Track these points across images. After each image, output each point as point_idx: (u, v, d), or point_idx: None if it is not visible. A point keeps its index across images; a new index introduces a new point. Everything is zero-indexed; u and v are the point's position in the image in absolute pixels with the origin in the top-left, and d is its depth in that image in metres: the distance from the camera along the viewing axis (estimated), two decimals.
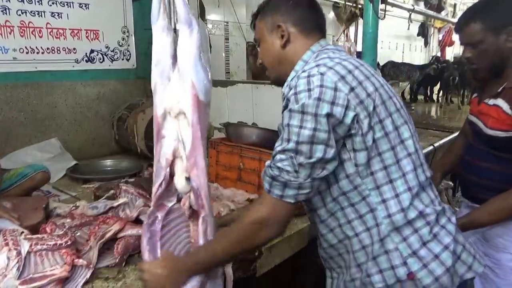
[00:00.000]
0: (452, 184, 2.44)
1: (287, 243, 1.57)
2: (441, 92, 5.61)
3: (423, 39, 8.23)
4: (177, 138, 1.10)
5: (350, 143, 0.98)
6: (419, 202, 1.03)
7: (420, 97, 5.67)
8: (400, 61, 5.45)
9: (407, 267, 0.99)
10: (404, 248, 1.00)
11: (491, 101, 1.46)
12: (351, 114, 0.94)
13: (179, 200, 1.21)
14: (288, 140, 0.94)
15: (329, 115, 0.92)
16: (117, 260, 1.27)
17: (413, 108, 2.87)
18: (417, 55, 8.07)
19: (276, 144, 0.98)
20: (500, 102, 1.42)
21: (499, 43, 1.40)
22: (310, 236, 1.70)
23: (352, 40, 4.51)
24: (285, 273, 1.09)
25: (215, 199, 1.75)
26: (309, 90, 0.94)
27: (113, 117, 2.73)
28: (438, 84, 5.52)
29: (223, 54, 3.55)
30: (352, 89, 0.96)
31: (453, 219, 1.08)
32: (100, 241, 1.28)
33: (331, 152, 0.94)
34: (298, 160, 0.93)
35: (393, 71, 4.71)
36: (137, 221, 1.47)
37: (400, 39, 6.08)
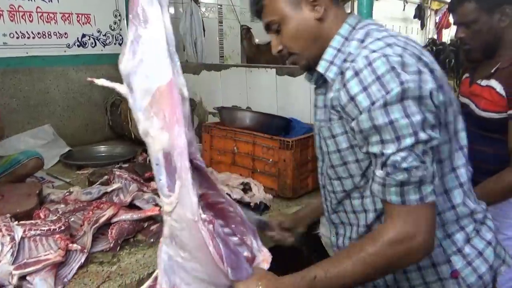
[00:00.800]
0: None
1: None
2: None
3: (419, 22, 8.18)
4: None
5: None
6: (469, 200, 0.94)
7: None
8: None
9: (451, 265, 0.91)
10: (448, 245, 0.92)
11: (484, 82, 1.45)
12: (441, 97, 0.83)
13: None
14: (399, 138, 0.77)
15: (431, 95, 0.80)
16: (112, 245, 1.28)
17: None
18: (414, 37, 8.03)
19: (379, 149, 0.80)
20: (494, 83, 1.41)
21: (493, 22, 1.39)
22: None
23: None
24: (279, 259, 1.09)
25: None
26: (397, 75, 0.77)
27: (106, 103, 2.71)
28: None
29: (217, 38, 3.51)
30: (431, 71, 0.83)
31: (489, 214, 1.01)
32: (94, 226, 1.28)
33: (438, 132, 0.82)
34: (418, 149, 0.78)
35: None
36: (131, 206, 1.47)
37: (396, 22, 6.05)
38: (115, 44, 2.78)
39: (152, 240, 1.34)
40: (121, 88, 0.83)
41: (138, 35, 0.78)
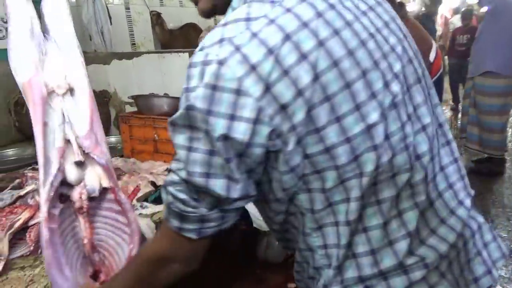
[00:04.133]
0: None
1: None
2: None
3: None
4: (63, 121, 0.95)
5: None
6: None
7: None
8: None
9: None
10: None
11: None
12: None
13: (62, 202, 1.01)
14: None
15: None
16: (32, 248, 1.22)
17: None
18: None
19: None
20: None
21: None
22: None
23: None
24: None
25: (133, 174, 1.73)
26: None
27: (8, 103, 2.49)
28: None
29: (126, 26, 3.37)
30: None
31: None
32: (9, 232, 1.21)
33: None
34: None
35: None
36: None
37: None
38: None
39: None
40: None
41: (6, 29, 0.81)
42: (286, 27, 0.59)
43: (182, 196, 0.64)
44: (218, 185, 0.61)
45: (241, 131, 0.58)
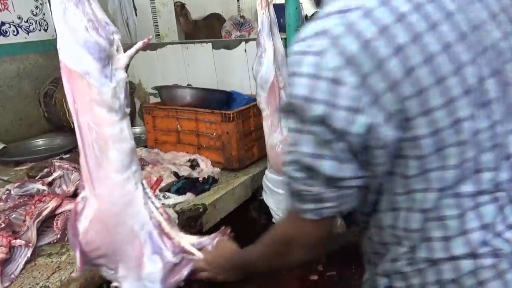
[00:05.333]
0: None
1: (231, 195, 1.63)
2: None
3: None
4: None
5: None
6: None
7: None
8: None
9: None
10: None
11: None
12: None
13: None
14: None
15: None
16: (59, 236, 1.26)
17: None
18: None
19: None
20: None
21: None
22: (252, 188, 1.77)
23: None
24: (231, 227, 1.13)
25: (156, 164, 1.75)
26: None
27: (38, 94, 2.56)
28: None
29: (151, 16, 3.39)
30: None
31: None
32: (37, 220, 1.25)
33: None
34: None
35: None
36: (75, 196, 1.43)
37: None
38: (39, 30, 2.61)
39: None
40: None
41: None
42: (382, 20, 0.60)
43: (296, 175, 0.69)
44: (326, 165, 0.65)
45: (339, 118, 0.61)
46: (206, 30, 3.92)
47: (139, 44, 0.95)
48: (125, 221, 0.97)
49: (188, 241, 1.03)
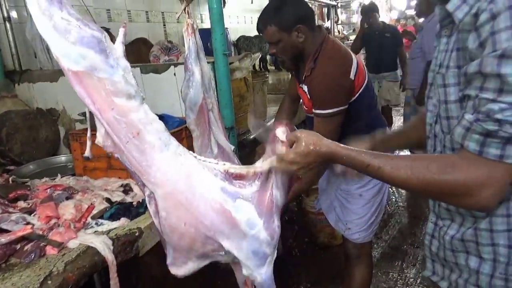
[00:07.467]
0: None
1: None
2: None
3: None
4: None
5: None
6: None
7: (271, 67, 6.00)
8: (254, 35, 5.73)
9: None
10: None
11: (302, 85, 1.75)
12: None
13: None
14: (502, 91, 0.71)
15: None
16: None
17: (267, 76, 3.10)
18: None
19: (475, 92, 0.75)
20: (305, 88, 1.72)
21: (293, 40, 1.66)
22: None
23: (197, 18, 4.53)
24: None
25: (86, 191, 1.70)
26: None
27: None
28: None
29: None
30: None
31: None
32: None
33: None
34: None
35: (246, 44, 4.95)
36: None
37: (253, 13, 6.40)
38: None
39: (27, 260, 1.26)
40: None
41: None
42: None
43: None
44: None
45: None
46: (132, 55, 3.88)
47: (122, 30, 0.94)
48: (194, 192, 0.97)
49: (258, 164, 1.03)
